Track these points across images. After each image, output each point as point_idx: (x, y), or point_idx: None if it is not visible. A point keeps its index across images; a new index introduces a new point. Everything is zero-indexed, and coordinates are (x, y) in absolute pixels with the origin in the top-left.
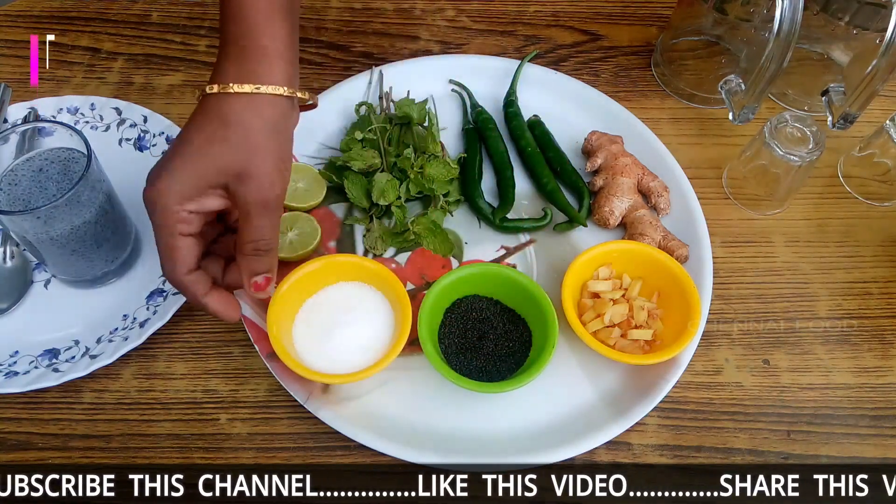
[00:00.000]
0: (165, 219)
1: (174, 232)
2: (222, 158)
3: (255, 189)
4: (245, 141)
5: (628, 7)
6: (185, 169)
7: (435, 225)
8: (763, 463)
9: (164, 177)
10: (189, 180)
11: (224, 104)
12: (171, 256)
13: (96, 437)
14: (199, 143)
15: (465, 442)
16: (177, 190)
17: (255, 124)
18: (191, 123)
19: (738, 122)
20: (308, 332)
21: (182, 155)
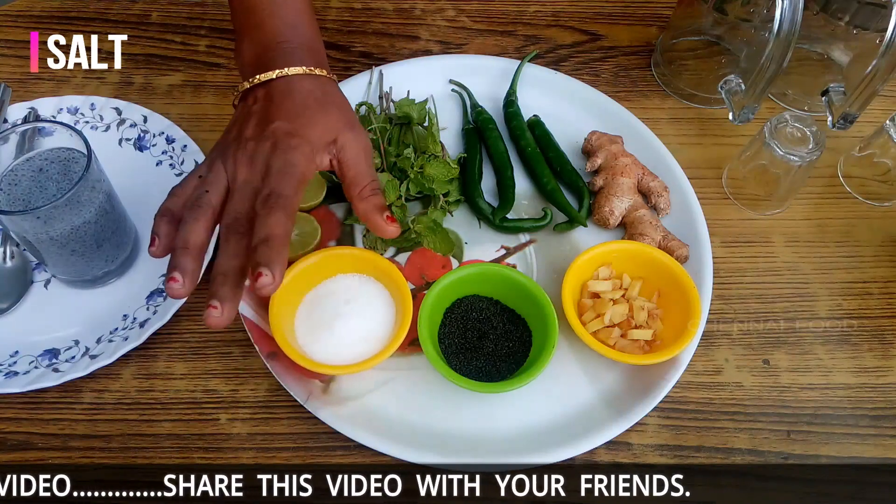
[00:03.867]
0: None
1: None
2: (335, 117)
3: (360, 137)
4: (343, 104)
5: (628, 7)
6: (314, 127)
7: (435, 224)
8: (763, 463)
9: (301, 132)
10: (322, 135)
11: (319, 81)
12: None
13: (96, 437)
14: (315, 108)
15: (465, 442)
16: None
17: (341, 94)
18: (290, 99)
19: (738, 122)
20: (309, 325)
21: (305, 117)
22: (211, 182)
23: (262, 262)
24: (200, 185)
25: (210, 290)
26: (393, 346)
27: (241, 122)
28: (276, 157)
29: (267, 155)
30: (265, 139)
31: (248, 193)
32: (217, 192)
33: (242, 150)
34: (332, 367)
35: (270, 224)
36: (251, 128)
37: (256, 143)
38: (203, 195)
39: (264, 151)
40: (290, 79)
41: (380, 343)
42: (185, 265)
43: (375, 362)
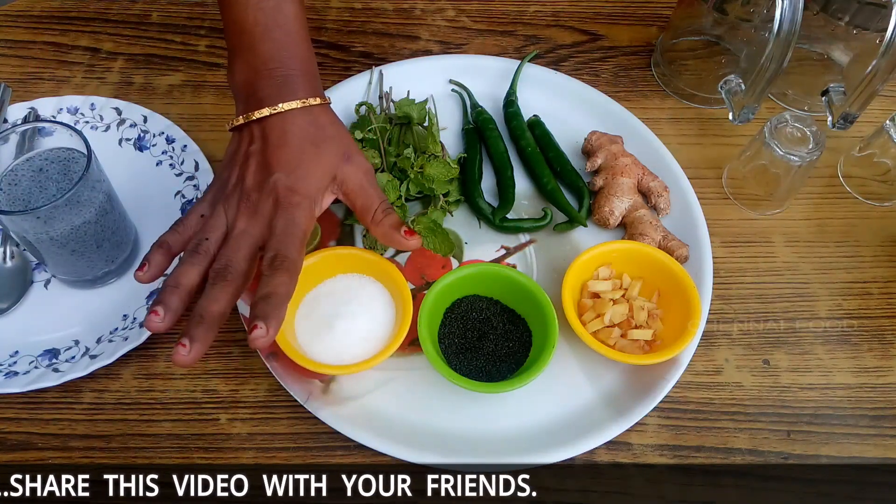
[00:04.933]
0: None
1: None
2: (331, 153)
3: (359, 164)
4: (337, 134)
5: (628, 7)
6: (312, 177)
7: (435, 224)
8: (763, 463)
9: (300, 188)
10: (321, 180)
11: (312, 114)
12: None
13: (96, 437)
14: (311, 153)
15: (465, 442)
16: (315, 187)
17: (335, 122)
18: (286, 144)
19: (738, 122)
20: (309, 325)
21: (303, 167)
22: (211, 228)
23: (260, 316)
24: (202, 230)
25: (186, 328)
26: (393, 346)
27: (240, 164)
28: (280, 217)
29: (269, 212)
30: (267, 194)
31: (244, 243)
32: (216, 240)
33: (245, 201)
34: (332, 367)
35: (274, 283)
36: (251, 175)
37: (259, 195)
38: (203, 242)
39: (266, 207)
40: (285, 116)
41: (380, 343)
42: (170, 303)
43: (375, 362)
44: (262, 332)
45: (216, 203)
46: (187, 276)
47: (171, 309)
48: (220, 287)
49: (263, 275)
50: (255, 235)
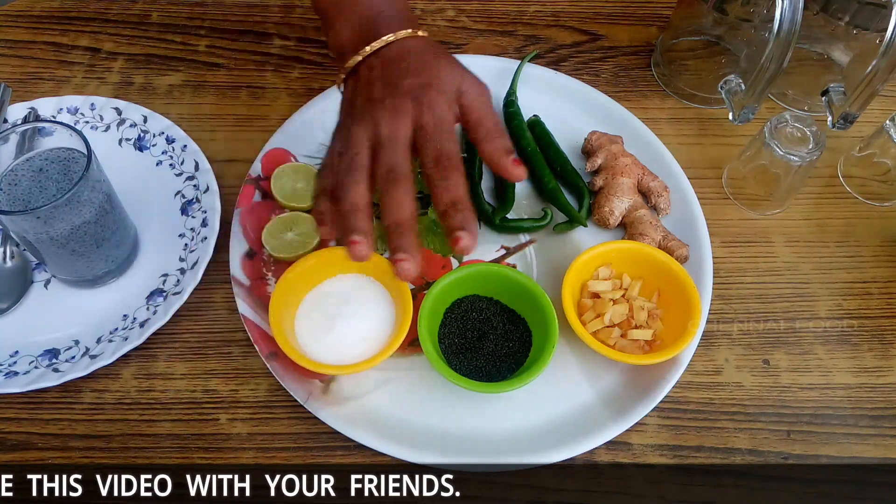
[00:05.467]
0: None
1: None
2: (452, 66)
3: (479, 81)
4: (452, 58)
5: (628, 7)
6: (441, 77)
7: (435, 224)
8: (763, 463)
9: (434, 83)
10: (449, 85)
11: (424, 39)
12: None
13: (96, 437)
14: (433, 63)
15: (465, 442)
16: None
17: (446, 49)
18: (407, 58)
19: (738, 122)
20: (309, 325)
21: (428, 71)
22: (357, 144)
23: (458, 226)
24: (348, 147)
25: (392, 244)
26: (393, 346)
27: (363, 91)
28: (425, 113)
29: (410, 110)
30: (402, 96)
31: (397, 146)
32: (365, 153)
33: (380, 109)
34: (332, 367)
35: (451, 187)
36: (379, 90)
37: (393, 100)
38: (355, 158)
39: (405, 107)
40: (402, 42)
41: (380, 343)
42: (362, 226)
43: (375, 362)
44: (468, 241)
45: (350, 133)
46: (357, 194)
47: (365, 231)
48: (396, 190)
49: (433, 178)
50: (404, 136)
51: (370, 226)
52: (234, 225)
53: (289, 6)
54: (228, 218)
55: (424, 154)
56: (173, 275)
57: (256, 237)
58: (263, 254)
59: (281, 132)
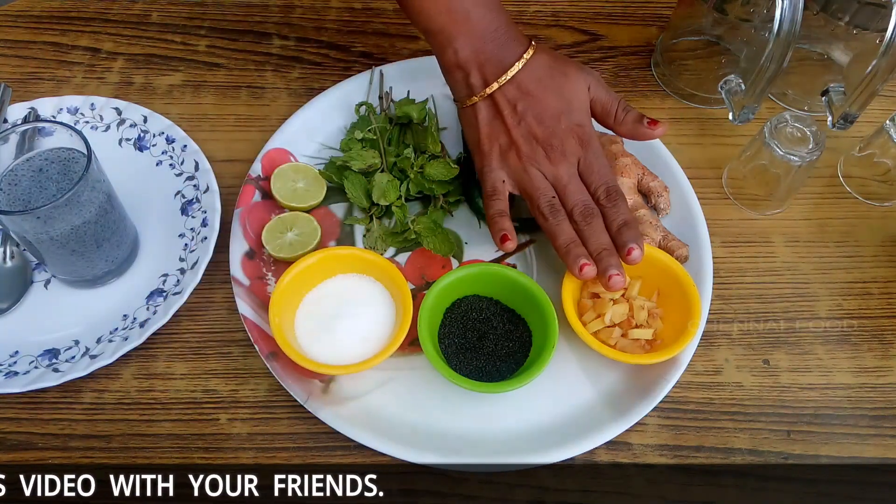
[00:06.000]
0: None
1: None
2: (574, 72)
3: (591, 72)
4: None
5: (628, 7)
6: (579, 101)
7: (435, 224)
8: (763, 463)
9: (582, 118)
10: (586, 103)
11: (541, 52)
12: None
13: (96, 437)
14: (562, 81)
15: (465, 442)
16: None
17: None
18: (543, 85)
19: (738, 122)
20: (310, 325)
21: (567, 98)
22: (546, 188)
23: (630, 241)
24: (541, 192)
25: (603, 264)
26: (393, 346)
27: (515, 125)
28: (588, 153)
29: (576, 150)
30: (566, 137)
31: (578, 185)
32: (556, 195)
33: (552, 152)
34: (332, 367)
35: (622, 212)
36: (537, 128)
37: (560, 142)
38: (552, 201)
39: (571, 148)
40: (529, 66)
41: (380, 343)
42: (583, 254)
43: (375, 362)
44: (638, 253)
45: (508, 167)
46: (568, 231)
47: (586, 254)
48: (595, 224)
49: (606, 206)
50: (576, 174)
51: (586, 253)
52: (234, 225)
53: (289, 6)
54: (228, 218)
55: (593, 187)
56: (173, 275)
57: (256, 237)
58: (263, 254)
59: (281, 132)
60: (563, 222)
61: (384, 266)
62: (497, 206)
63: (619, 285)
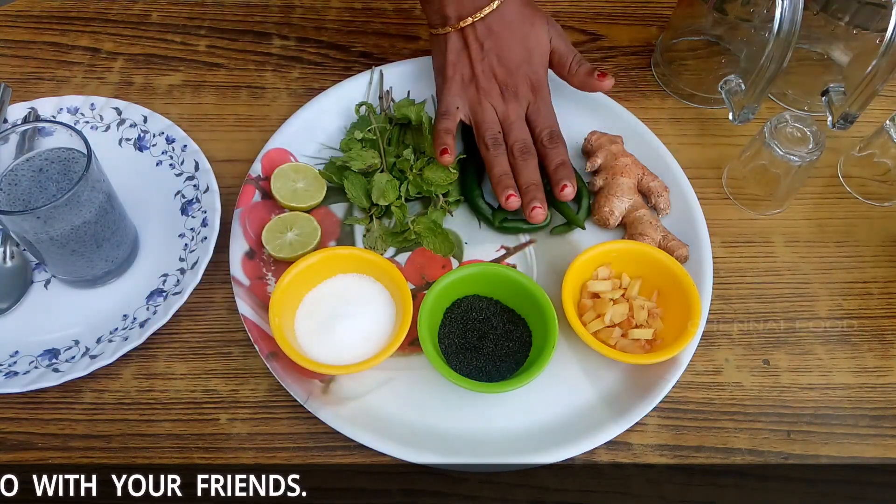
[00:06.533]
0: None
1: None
2: (539, 24)
3: (555, 25)
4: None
5: (628, 7)
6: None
7: (435, 224)
8: (763, 463)
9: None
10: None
11: (524, 3)
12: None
13: (96, 437)
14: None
15: (465, 442)
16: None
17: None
18: (510, 31)
19: (738, 122)
20: (310, 325)
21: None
22: (493, 122)
23: (565, 177)
24: (488, 125)
25: (528, 196)
26: (393, 346)
27: (479, 60)
28: (538, 100)
29: (527, 95)
30: (521, 82)
31: (522, 124)
32: (501, 131)
33: (506, 91)
34: (332, 367)
35: (561, 153)
36: (497, 68)
37: (515, 84)
38: (497, 135)
39: (524, 92)
40: (502, 7)
41: (380, 343)
42: (511, 184)
43: (375, 362)
44: (570, 190)
45: (466, 96)
46: (504, 164)
47: (515, 187)
48: (530, 161)
49: (548, 148)
50: (523, 115)
51: (515, 183)
52: (234, 225)
53: (289, 6)
54: (228, 218)
55: (539, 129)
56: (173, 275)
57: (256, 237)
58: (263, 254)
59: (281, 132)
60: (502, 155)
61: (384, 266)
62: (445, 125)
63: (539, 217)
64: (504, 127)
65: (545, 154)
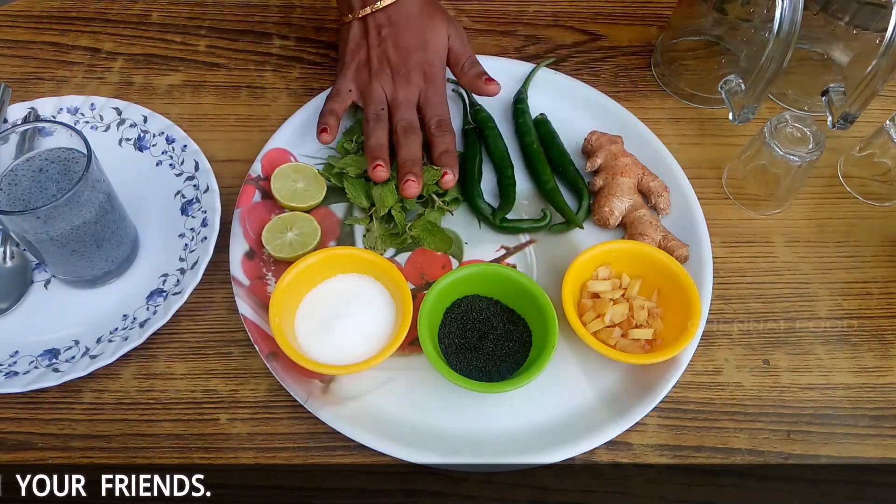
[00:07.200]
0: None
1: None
2: (440, 21)
3: (456, 25)
4: (438, 4)
5: (628, 7)
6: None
7: (432, 225)
8: (763, 463)
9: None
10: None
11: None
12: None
13: (96, 437)
14: (429, 27)
15: (465, 442)
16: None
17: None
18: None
19: (738, 122)
20: (310, 325)
21: (430, 40)
22: (379, 100)
23: (448, 164)
24: (372, 101)
25: (404, 170)
26: (393, 346)
27: (376, 46)
28: (430, 88)
29: (419, 82)
30: (414, 69)
31: (410, 106)
32: (385, 107)
33: (398, 76)
34: (332, 367)
35: (447, 142)
36: (392, 54)
37: (407, 70)
38: (380, 111)
39: (416, 79)
40: (404, 2)
41: (380, 343)
42: (384, 157)
43: (375, 362)
44: (451, 178)
45: (358, 79)
46: (382, 137)
47: (385, 160)
48: (412, 138)
49: (435, 135)
50: (413, 100)
51: (388, 157)
52: (234, 225)
53: (289, 6)
54: (228, 218)
55: (428, 117)
56: (173, 275)
57: (256, 237)
58: (263, 254)
59: (281, 132)
60: (382, 129)
61: (384, 266)
62: (331, 105)
63: (412, 191)
64: (391, 107)
65: (432, 141)
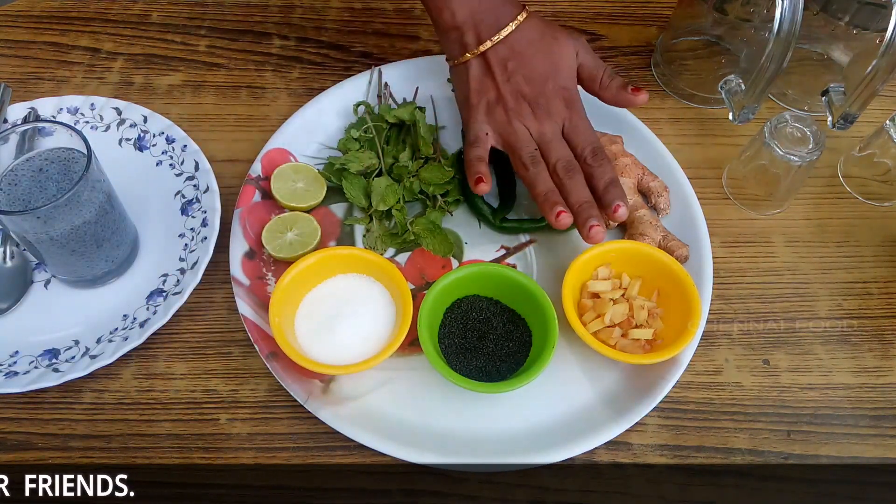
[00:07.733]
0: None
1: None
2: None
3: (580, 40)
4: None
5: (628, 7)
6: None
7: (434, 225)
8: (763, 463)
9: (568, 83)
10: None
11: (534, 17)
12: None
13: (96, 437)
14: (553, 46)
15: (465, 442)
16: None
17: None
18: (534, 49)
19: (738, 122)
20: (310, 325)
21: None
22: (528, 141)
23: (616, 198)
24: (523, 145)
25: (583, 215)
26: (393, 346)
27: (504, 82)
28: (573, 115)
29: (561, 111)
30: (552, 98)
31: (560, 140)
32: (538, 148)
33: (538, 110)
34: (332, 367)
35: (608, 171)
36: (525, 87)
37: (546, 101)
38: (534, 154)
39: (557, 109)
40: (521, 29)
41: (380, 343)
42: (560, 201)
43: (375, 362)
44: (623, 211)
45: (494, 121)
46: (548, 181)
47: (563, 203)
48: (577, 178)
49: (593, 167)
50: (559, 132)
51: (562, 201)
52: (234, 225)
53: (289, 6)
54: (228, 218)
55: (579, 147)
56: (173, 275)
57: (256, 237)
58: (263, 254)
59: (281, 132)
60: (544, 172)
61: (384, 266)
62: (476, 153)
63: (599, 237)
64: (541, 146)
65: (591, 173)
